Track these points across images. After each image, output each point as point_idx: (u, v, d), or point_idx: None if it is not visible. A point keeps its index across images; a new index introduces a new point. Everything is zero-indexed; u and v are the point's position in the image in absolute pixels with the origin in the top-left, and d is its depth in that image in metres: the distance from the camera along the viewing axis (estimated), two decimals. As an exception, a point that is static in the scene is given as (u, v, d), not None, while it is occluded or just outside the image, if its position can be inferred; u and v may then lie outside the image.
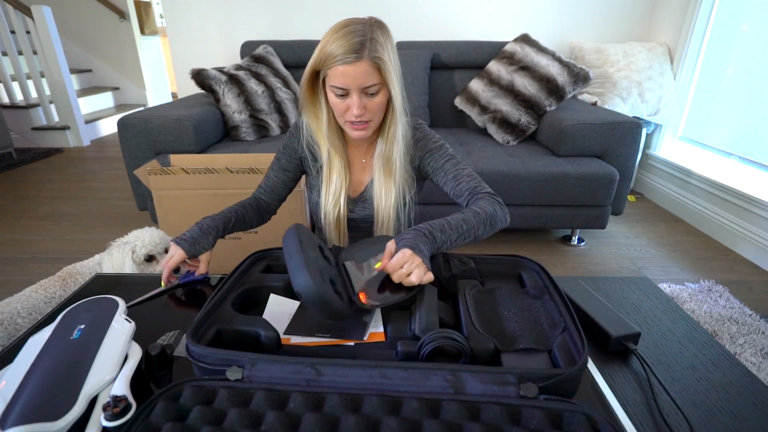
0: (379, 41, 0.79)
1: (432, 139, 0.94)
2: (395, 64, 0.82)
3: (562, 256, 2.04)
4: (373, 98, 0.82)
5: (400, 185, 0.93)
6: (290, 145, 0.97)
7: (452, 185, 0.90)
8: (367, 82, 0.79)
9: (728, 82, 2.28)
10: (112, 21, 4.62)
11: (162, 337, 0.64)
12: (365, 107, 0.82)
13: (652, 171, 2.73)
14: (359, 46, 0.77)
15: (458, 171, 0.90)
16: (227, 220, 0.88)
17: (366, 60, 0.77)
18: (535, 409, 0.47)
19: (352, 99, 0.81)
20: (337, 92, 0.81)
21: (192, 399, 0.48)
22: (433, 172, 0.94)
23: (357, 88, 0.80)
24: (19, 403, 0.46)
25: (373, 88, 0.81)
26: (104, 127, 4.28)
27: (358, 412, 0.47)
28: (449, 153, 0.93)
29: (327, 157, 0.93)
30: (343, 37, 0.77)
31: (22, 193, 2.77)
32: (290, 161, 0.98)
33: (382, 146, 0.92)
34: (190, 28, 2.79)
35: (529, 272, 0.75)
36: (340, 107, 0.83)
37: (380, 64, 0.79)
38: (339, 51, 0.77)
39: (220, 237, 0.86)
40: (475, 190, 0.87)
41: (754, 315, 1.57)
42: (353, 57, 0.77)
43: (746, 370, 0.62)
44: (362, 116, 0.83)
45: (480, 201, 0.83)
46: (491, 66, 2.42)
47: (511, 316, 0.64)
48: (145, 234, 1.20)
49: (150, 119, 1.93)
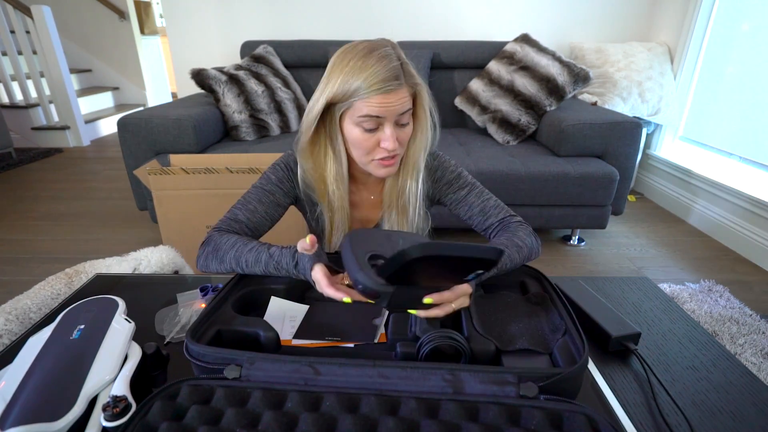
0: (408, 63, 0.72)
1: (449, 167, 0.86)
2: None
3: (562, 256, 2.04)
4: (404, 128, 0.74)
5: (413, 221, 0.85)
6: (287, 179, 0.84)
7: (479, 219, 0.83)
8: (403, 109, 0.71)
9: (728, 82, 2.28)
10: (112, 21, 4.62)
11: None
12: (397, 139, 0.73)
13: (652, 171, 2.73)
14: (399, 71, 0.69)
15: (484, 203, 0.83)
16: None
17: (405, 86, 0.70)
18: (535, 409, 0.47)
19: (384, 132, 0.72)
20: (367, 125, 0.71)
21: (189, 398, 0.48)
22: (454, 205, 0.86)
23: (392, 118, 0.71)
24: (19, 403, 0.46)
25: (406, 117, 0.73)
26: (104, 127, 4.28)
27: (356, 412, 0.47)
28: (469, 181, 0.86)
29: (328, 202, 0.83)
30: (378, 62, 0.68)
31: (22, 193, 2.77)
32: (286, 197, 0.84)
33: (394, 178, 0.83)
34: (190, 28, 2.79)
35: (531, 280, 0.74)
36: (368, 143, 0.73)
37: (417, 90, 0.73)
38: (377, 78, 0.67)
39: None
40: (504, 221, 0.81)
41: (754, 315, 1.57)
42: (395, 84, 0.68)
43: (746, 370, 0.62)
44: (395, 150, 0.74)
45: (518, 232, 0.77)
46: (491, 66, 2.42)
47: (512, 320, 0.64)
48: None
49: (150, 119, 1.93)
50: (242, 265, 0.71)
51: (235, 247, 0.71)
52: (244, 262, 0.70)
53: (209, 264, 0.74)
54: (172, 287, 0.82)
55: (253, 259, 0.70)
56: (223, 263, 0.72)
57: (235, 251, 0.71)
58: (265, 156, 1.73)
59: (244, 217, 0.79)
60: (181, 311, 0.71)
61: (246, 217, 0.79)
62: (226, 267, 0.72)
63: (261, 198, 0.81)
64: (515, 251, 0.72)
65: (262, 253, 0.69)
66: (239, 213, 0.80)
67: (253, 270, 0.70)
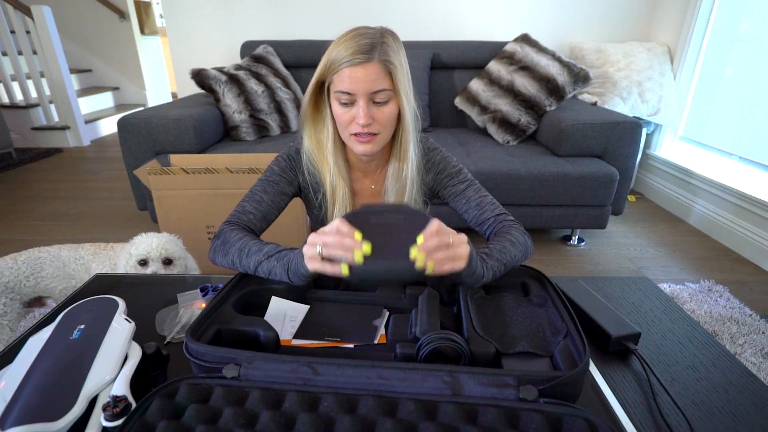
0: (391, 47, 0.73)
1: (451, 162, 0.88)
2: (407, 74, 0.76)
3: (562, 256, 2.03)
4: (382, 108, 0.75)
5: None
6: (290, 168, 0.87)
7: (475, 213, 0.84)
8: (375, 86, 0.72)
9: (728, 82, 2.28)
10: (112, 21, 4.62)
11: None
12: (373, 117, 0.74)
13: (652, 171, 2.73)
14: (369, 48, 0.71)
15: (481, 198, 0.85)
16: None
17: (376, 62, 0.71)
18: (534, 412, 0.46)
19: (358, 107, 0.74)
20: (342, 99, 0.74)
21: (188, 397, 0.48)
22: (452, 198, 0.88)
23: (364, 93, 0.72)
24: (19, 403, 0.46)
25: (382, 95, 0.74)
26: (104, 127, 4.28)
27: (354, 413, 0.47)
28: (469, 178, 0.88)
29: (330, 186, 0.85)
30: (352, 38, 0.71)
31: (22, 193, 2.77)
32: (290, 185, 0.87)
33: (394, 166, 0.85)
34: (190, 28, 2.79)
35: (532, 281, 0.74)
36: (345, 117, 0.75)
37: (391, 69, 0.73)
38: (347, 52, 0.70)
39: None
40: (499, 218, 0.82)
41: (754, 315, 1.57)
42: (362, 58, 0.70)
43: (746, 370, 0.62)
44: (369, 126, 0.75)
45: (512, 230, 0.78)
46: (491, 66, 2.42)
47: (513, 322, 0.64)
48: (144, 239, 1.21)
49: (150, 119, 1.93)
50: (244, 268, 0.73)
51: (241, 241, 0.73)
52: (245, 266, 0.72)
53: (216, 257, 0.76)
54: (173, 287, 0.82)
55: (252, 269, 0.71)
56: (227, 257, 0.74)
57: (240, 245, 0.73)
58: (265, 156, 1.73)
59: (252, 208, 0.82)
60: (182, 311, 0.71)
61: (254, 208, 0.82)
62: (229, 262, 0.74)
63: (266, 188, 0.84)
64: (511, 247, 0.73)
65: (262, 264, 0.70)
66: (247, 205, 0.83)
67: (250, 267, 0.72)
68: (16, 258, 1.19)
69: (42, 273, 1.19)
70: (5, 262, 1.18)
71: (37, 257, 1.20)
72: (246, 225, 0.79)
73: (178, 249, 1.23)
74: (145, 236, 1.22)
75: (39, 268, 1.19)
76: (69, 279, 1.22)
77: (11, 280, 1.16)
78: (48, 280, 1.20)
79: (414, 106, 0.79)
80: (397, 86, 0.74)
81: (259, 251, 0.70)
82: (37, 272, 1.19)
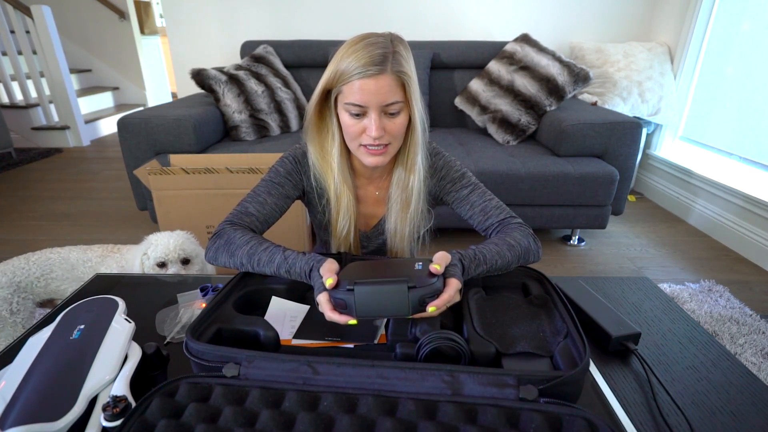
0: (402, 56, 0.71)
1: (454, 167, 0.86)
2: (416, 81, 0.75)
3: (562, 256, 2.04)
4: (394, 119, 0.73)
5: (415, 219, 0.85)
6: (296, 171, 0.85)
7: (480, 219, 0.82)
8: (388, 99, 0.70)
9: (728, 82, 2.28)
10: (112, 21, 4.62)
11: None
12: (384, 128, 0.73)
13: (652, 171, 2.73)
14: (381, 59, 0.68)
15: (486, 203, 0.83)
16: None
17: (389, 74, 0.69)
18: (534, 412, 0.46)
19: (369, 119, 0.71)
20: (353, 111, 0.72)
21: (188, 396, 0.48)
22: (457, 203, 0.86)
23: (377, 106, 0.70)
24: (19, 403, 0.46)
25: (395, 107, 0.72)
26: (104, 127, 4.28)
27: (353, 413, 0.47)
28: (473, 181, 0.86)
29: (334, 194, 0.84)
30: (363, 48, 0.69)
31: (22, 193, 2.77)
32: (295, 189, 0.85)
33: (400, 174, 0.83)
34: (190, 28, 2.79)
35: (532, 281, 0.74)
36: (355, 129, 0.73)
37: (405, 80, 0.71)
38: (358, 63, 0.68)
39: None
40: (504, 222, 0.80)
41: (754, 315, 1.57)
42: (375, 70, 0.68)
43: (746, 370, 0.62)
44: (381, 139, 0.73)
45: (514, 232, 0.76)
46: (491, 66, 2.42)
47: (513, 322, 0.64)
48: (161, 239, 1.16)
49: (150, 119, 1.93)
50: (254, 263, 0.70)
51: (249, 244, 0.71)
52: (257, 260, 0.70)
53: (218, 257, 0.73)
54: (173, 287, 0.82)
55: (267, 259, 0.69)
56: (234, 258, 0.71)
57: (249, 248, 0.71)
58: (265, 156, 1.73)
59: (254, 210, 0.79)
60: (182, 311, 0.71)
61: (256, 210, 0.79)
62: (236, 263, 0.72)
63: (270, 190, 0.81)
64: (506, 249, 0.71)
65: (277, 254, 0.69)
66: (249, 206, 0.80)
67: (263, 269, 0.70)
68: (28, 258, 1.18)
69: (52, 275, 1.18)
70: (18, 261, 1.17)
71: (47, 258, 1.19)
72: (247, 227, 0.77)
73: (195, 247, 1.20)
74: (160, 236, 1.17)
75: (49, 269, 1.18)
76: (78, 282, 1.19)
77: (23, 280, 1.15)
78: (58, 281, 1.19)
79: (423, 115, 0.77)
80: (410, 97, 0.73)
81: (273, 245, 0.71)
82: (47, 273, 1.18)
